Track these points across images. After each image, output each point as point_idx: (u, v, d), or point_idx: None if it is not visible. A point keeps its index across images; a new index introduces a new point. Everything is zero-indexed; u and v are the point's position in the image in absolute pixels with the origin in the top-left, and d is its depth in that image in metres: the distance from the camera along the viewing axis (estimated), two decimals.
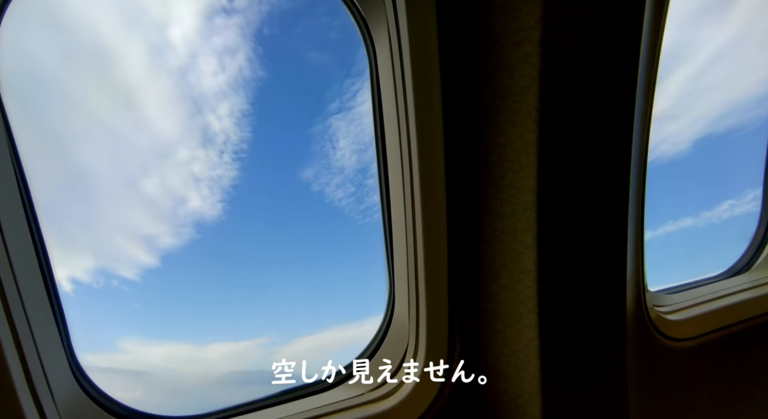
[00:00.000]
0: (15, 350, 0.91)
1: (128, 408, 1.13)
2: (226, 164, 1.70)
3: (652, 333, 1.39)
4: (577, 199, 1.04)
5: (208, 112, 1.60)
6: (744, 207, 2.12)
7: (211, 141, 1.64)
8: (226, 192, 1.74)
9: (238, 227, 1.87)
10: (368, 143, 1.84)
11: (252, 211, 1.91)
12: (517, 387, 1.16)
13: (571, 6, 0.91)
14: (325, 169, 1.93)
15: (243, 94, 1.65)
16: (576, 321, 1.12)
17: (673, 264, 2.05)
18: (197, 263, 1.83)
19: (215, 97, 1.60)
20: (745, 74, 2.00)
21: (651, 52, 1.17)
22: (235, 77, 1.59)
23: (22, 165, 1.02)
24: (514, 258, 1.08)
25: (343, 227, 2.07)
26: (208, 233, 1.75)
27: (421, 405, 1.19)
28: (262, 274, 1.99)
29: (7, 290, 0.90)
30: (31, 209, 1.03)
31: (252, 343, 1.81)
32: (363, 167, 1.89)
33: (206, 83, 1.56)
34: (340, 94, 1.79)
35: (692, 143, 2.13)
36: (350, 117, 1.82)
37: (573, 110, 0.98)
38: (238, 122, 1.67)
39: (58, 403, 1.01)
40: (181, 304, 1.79)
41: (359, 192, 1.94)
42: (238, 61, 1.57)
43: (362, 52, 1.55)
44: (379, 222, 1.30)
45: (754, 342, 1.61)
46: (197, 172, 1.66)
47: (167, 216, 1.64)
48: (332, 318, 1.94)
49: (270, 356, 1.80)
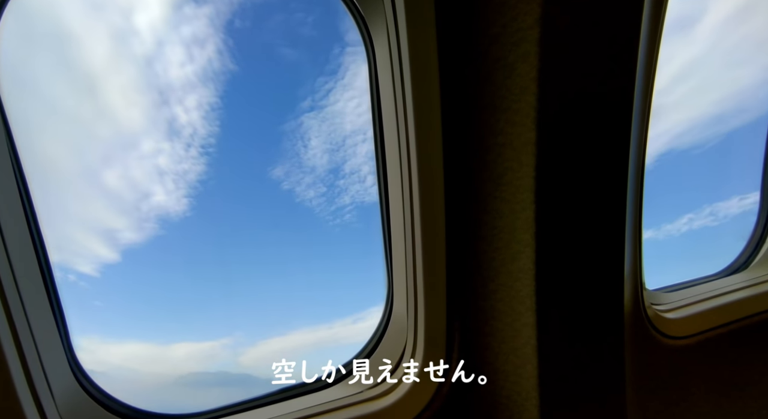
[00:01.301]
0: (15, 348, 0.91)
1: (127, 406, 1.14)
2: (193, 158, 1.64)
3: (650, 331, 1.40)
4: (575, 198, 1.05)
5: (174, 103, 1.53)
6: (702, 221, 2.16)
7: (177, 134, 1.58)
8: (192, 187, 1.68)
9: (204, 223, 1.81)
10: (340, 143, 1.80)
11: (219, 208, 1.85)
12: (515, 384, 1.17)
13: (570, 6, 0.91)
14: (296, 168, 1.89)
15: (212, 87, 1.59)
16: (574, 319, 1.13)
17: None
18: (161, 259, 1.77)
19: (182, 89, 1.53)
20: (706, 93, 2.02)
21: (649, 51, 1.17)
22: (204, 69, 1.54)
23: (21, 164, 1.02)
24: (513, 257, 1.09)
25: (313, 228, 2.03)
26: (172, 229, 1.69)
27: (419, 403, 1.20)
28: (229, 273, 1.94)
29: (6, 288, 0.91)
30: (30, 209, 1.03)
31: (217, 343, 1.76)
32: (335, 167, 1.87)
33: (173, 74, 1.49)
34: (312, 92, 1.75)
35: (655, 158, 2.17)
36: (322, 116, 1.79)
37: (571, 109, 0.98)
38: (207, 115, 1.61)
39: (57, 401, 1.02)
40: (144, 302, 1.72)
41: (330, 193, 1.92)
42: (207, 53, 1.51)
43: (336, 51, 1.53)
44: (378, 221, 1.31)
45: (751, 340, 1.61)
46: (162, 165, 1.60)
47: (129, 210, 1.57)
48: (302, 319, 1.90)
49: (235, 357, 1.79)
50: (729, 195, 2.16)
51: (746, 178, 2.08)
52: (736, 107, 2.03)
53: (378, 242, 1.32)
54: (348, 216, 2.01)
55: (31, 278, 1.01)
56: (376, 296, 1.94)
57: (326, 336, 1.85)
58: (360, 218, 2.03)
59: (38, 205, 1.04)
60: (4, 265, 0.92)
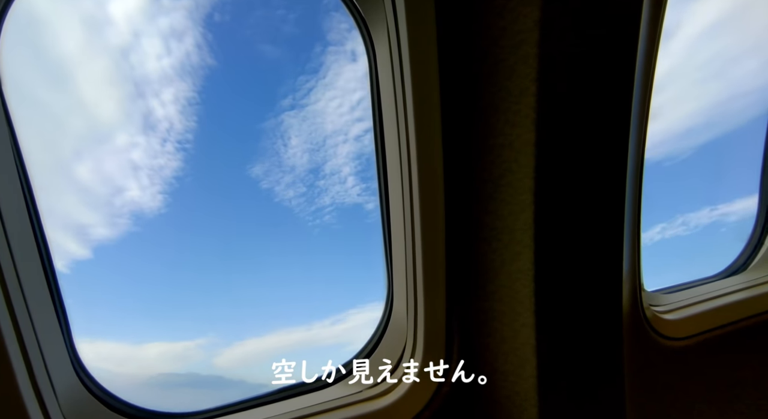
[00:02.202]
0: (18, 346, 0.91)
1: (130, 405, 1.14)
2: (169, 153, 1.59)
3: (648, 332, 1.40)
4: (574, 199, 1.05)
5: (150, 96, 1.47)
6: (674, 230, 2.19)
7: (153, 128, 1.52)
8: (168, 183, 1.62)
9: (179, 220, 1.74)
10: (321, 143, 1.77)
11: (195, 205, 1.79)
12: (514, 384, 1.17)
13: (569, 8, 0.92)
14: (276, 166, 1.84)
15: (190, 82, 1.53)
16: (573, 320, 1.13)
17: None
18: (134, 256, 1.71)
19: (159, 82, 1.47)
20: (680, 105, 2.04)
21: (648, 54, 1.18)
22: (182, 63, 1.48)
23: (24, 160, 1.03)
24: (512, 258, 1.09)
25: (292, 228, 1.99)
26: (146, 226, 1.64)
27: (418, 403, 1.20)
28: (205, 272, 1.88)
29: (9, 286, 0.91)
30: (33, 207, 1.04)
31: (192, 344, 1.71)
32: (315, 167, 1.84)
33: (150, 66, 1.43)
34: (293, 90, 1.71)
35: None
36: (303, 115, 1.75)
37: (571, 111, 0.99)
38: (184, 110, 1.55)
39: (60, 399, 1.02)
40: (117, 299, 1.66)
41: (310, 193, 1.88)
42: (185, 46, 1.46)
43: (317, 49, 1.51)
44: (378, 221, 1.31)
45: (749, 341, 1.62)
46: (137, 160, 1.54)
47: (102, 205, 1.51)
48: (279, 320, 1.86)
49: (210, 358, 1.75)
50: (700, 206, 2.23)
51: (717, 190, 2.16)
52: (706, 121, 2.07)
53: (378, 242, 1.33)
54: (328, 217, 1.99)
55: (34, 276, 1.01)
56: (355, 297, 1.90)
57: (304, 337, 1.83)
58: (340, 220, 2.00)
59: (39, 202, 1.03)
60: (7, 262, 0.92)
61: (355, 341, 1.82)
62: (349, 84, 1.72)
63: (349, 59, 1.67)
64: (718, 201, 2.15)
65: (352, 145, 1.84)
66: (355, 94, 1.73)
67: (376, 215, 1.92)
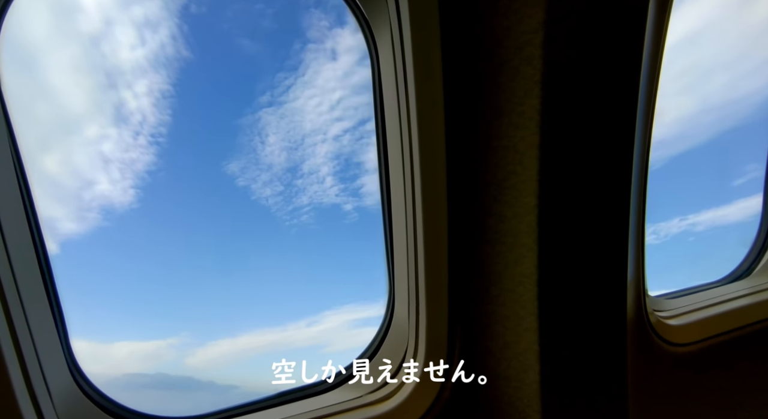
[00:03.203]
0: (13, 347, 0.90)
1: (124, 408, 1.13)
2: (142, 147, 1.52)
3: (652, 338, 1.39)
4: (578, 202, 1.04)
5: (122, 87, 1.41)
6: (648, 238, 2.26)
7: (125, 120, 1.46)
8: (140, 178, 1.56)
9: (152, 216, 1.68)
10: (299, 141, 1.73)
11: (169, 200, 1.73)
12: (517, 390, 1.16)
13: (574, 9, 0.91)
14: (253, 164, 1.78)
15: (164, 74, 1.48)
16: (576, 325, 1.12)
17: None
18: (103, 251, 1.62)
19: (132, 73, 1.42)
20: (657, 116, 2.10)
21: (653, 55, 1.17)
22: (156, 54, 1.43)
23: (23, 161, 1.02)
24: (516, 261, 1.08)
25: (269, 227, 1.93)
26: (117, 221, 1.56)
27: (420, 408, 1.19)
28: (178, 270, 1.81)
29: (6, 287, 0.90)
30: (31, 208, 1.03)
31: (164, 343, 1.66)
32: (293, 166, 1.79)
33: (122, 56, 1.37)
34: (271, 87, 1.67)
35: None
36: (281, 112, 1.71)
37: (575, 113, 0.98)
38: (158, 102, 1.49)
39: (55, 402, 1.01)
40: (85, 296, 1.54)
41: (288, 192, 1.84)
42: (160, 37, 1.41)
43: (297, 46, 1.47)
44: (380, 222, 1.30)
45: (754, 347, 1.60)
46: (107, 152, 1.47)
47: (69, 198, 1.44)
48: (254, 320, 1.82)
49: (182, 358, 1.69)
50: (671, 216, 2.26)
51: (688, 201, 2.19)
52: (679, 133, 2.10)
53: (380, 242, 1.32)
54: (306, 217, 1.93)
55: (30, 279, 1.00)
56: (331, 299, 1.88)
57: (278, 338, 1.79)
58: (318, 220, 1.95)
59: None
60: (4, 265, 0.91)
61: (331, 343, 1.82)
62: (329, 83, 1.69)
63: (329, 58, 1.64)
64: (688, 212, 2.21)
65: (331, 145, 1.81)
66: (335, 93, 1.70)
67: (354, 216, 1.90)
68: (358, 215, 1.97)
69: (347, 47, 1.60)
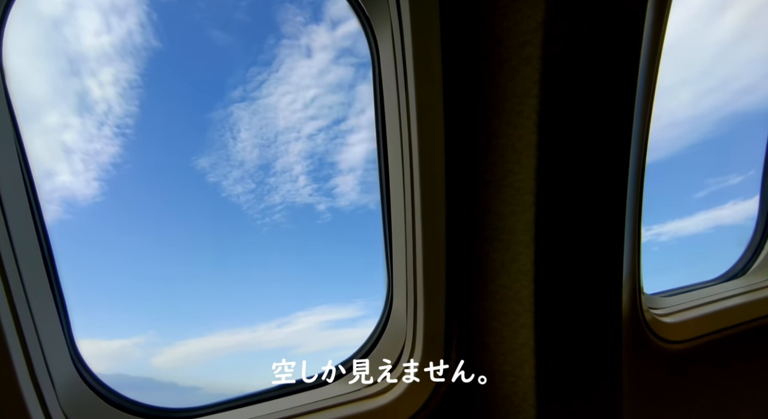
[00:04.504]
0: (18, 340, 0.92)
1: (127, 399, 1.14)
2: (107, 138, 1.45)
3: (647, 335, 1.41)
4: (575, 201, 1.06)
5: (87, 75, 1.33)
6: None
7: (89, 109, 1.38)
8: (105, 170, 1.49)
9: (116, 210, 1.61)
10: (272, 139, 1.66)
11: (135, 194, 1.65)
12: (512, 385, 1.17)
13: (573, 10, 0.92)
14: (224, 160, 1.72)
15: (131, 63, 1.40)
16: (572, 321, 1.13)
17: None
18: (64, 245, 1.46)
19: (97, 60, 1.34)
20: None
21: (651, 56, 1.18)
22: (123, 42, 1.35)
23: (27, 155, 1.03)
24: (513, 258, 1.09)
25: (240, 225, 1.87)
26: (79, 214, 1.50)
27: (417, 402, 1.20)
28: (144, 265, 1.73)
29: (10, 279, 0.91)
30: (35, 202, 1.04)
31: (129, 342, 1.60)
32: (265, 163, 1.74)
33: (87, 42, 1.29)
34: (244, 81, 1.62)
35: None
36: (254, 108, 1.66)
37: (573, 113, 0.99)
38: (124, 92, 1.42)
39: (58, 392, 1.02)
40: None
41: (260, 190, 1.79)
42: (127, 24, 1.33)
43: (271, 41, 1.42)
44: (379, 220, 1.31)
45: (748, 345, 1.62)
46: (69, 142, 1.40)
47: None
48: (223, 320, 1.76)
49: (148, 357, 1.63)
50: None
51: (653, 211, 2.22)
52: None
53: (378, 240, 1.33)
54: (278, 216, 1.90)
55: (34, 270, 1.01)
56: (304, 300, 1.84)
57: (248, 339, 1.75)
58: (291, 219, 1.91)
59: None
60: (8, 256, 0.92)
61: (302, 344, 1.79)
62: (304, 80, 1.65)
63: (303, 55, 1.59)
64: (653, 222, 2.18)
65: (304, 143, 1.78)
66: (310, 91, 1.66)
67: (328, 217, 1.87)
68: (332, 216, 1.93)
69: (323, 45, 1.56)
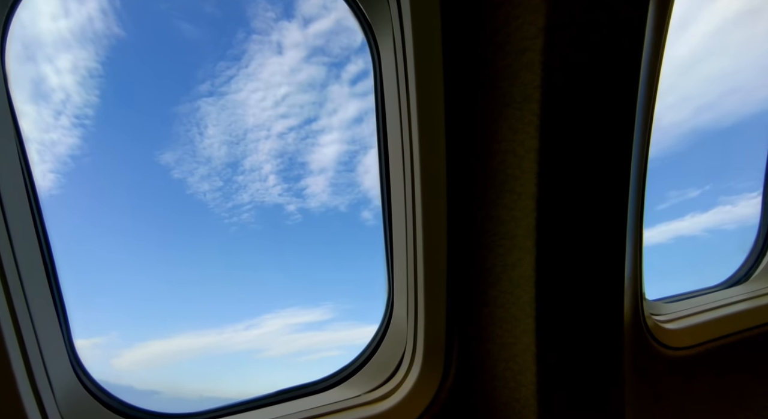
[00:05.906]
0: (17, 343, 0.91)
1: (128, 405, 1.14)
2: (64, 128, 1.38)
3: (649, 341, 1.40)
4: (576, 206, 1.06)
5: (42, 61, 1.25)
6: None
7: (45, 97, 1.30)
8: (62, 162, 1.41)
9: (74, 204, 1.51)
10: (241, 136, 1.60)
11: (93, 188, 1.55)
12: (513, 391, 1.17)
13: (574, 16, 0.93)
14: (189, 156, 1.65)
15: (92, 50, 1.32)
16: (573, 327, 1.13)
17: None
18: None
19: (53, 45, 1.25)
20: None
21: (652, 61, 1.18)
22: (83, 28, 1.27)
23: (28, 157, 1.03)
24: (514, 264, 1.09)
25: (207, 224, 1.79)
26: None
27: (417, 408, 1.19)
28: (103, 264, 1.62)
29: (10, 282, 0.91)
30: (36, 203, 1.04)
31: (88, 343, 1.43)
32: (234, 161, 1.67)
33: (43, 26, 1.21)
34: (212, 76, 1.55)
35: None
36: (222, 104, 1.59)
37: (574, 118, 0.99)
38: (83, 81, 1.35)
39: (57, 397, 1.02)
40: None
41: (228, 188, 1.72)
42: (87, 10, 1.26)
43: (240, 36, 1.37)
44: (380, 225, 1.31)
45: (751, 352, 1.61)
46: (23, 132, 1.27)
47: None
48: (189, 321, 1.69)
49: (107, 359, 1.54)
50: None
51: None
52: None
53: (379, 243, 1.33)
54: (246, 215, 1.84)
55: (35, 275, 1.01)
56: (272, 302, 1.80)
57: (214, 341, 1.68)
58: (259, 219, 1.84)
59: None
60: (9, 261, 0.92)
61: (270, 347, 1.75)
62: (274, 78, 1.60)
63: (274, 51, 1.54)
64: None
65: (275, 142, 1.73)
66: (281, 89, 1.61)
67: (298, 218, 1.81)
68: (302, 217, 1.88)
69: (294, 42, 1.51)
